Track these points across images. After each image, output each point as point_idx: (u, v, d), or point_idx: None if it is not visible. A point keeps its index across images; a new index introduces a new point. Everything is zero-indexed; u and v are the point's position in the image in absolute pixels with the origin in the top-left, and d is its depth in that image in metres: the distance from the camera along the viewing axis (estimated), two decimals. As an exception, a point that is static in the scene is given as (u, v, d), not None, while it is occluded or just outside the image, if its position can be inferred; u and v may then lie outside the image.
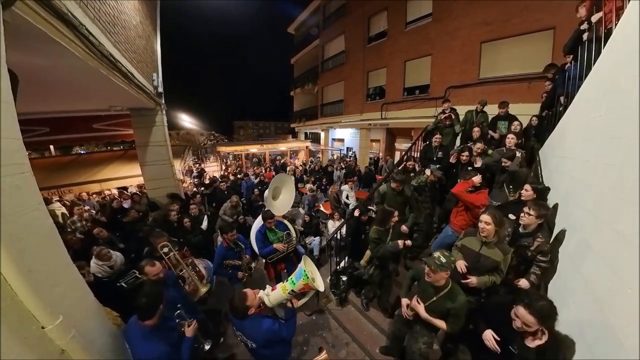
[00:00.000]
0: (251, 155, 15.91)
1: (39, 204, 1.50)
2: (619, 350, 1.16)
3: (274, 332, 1.84)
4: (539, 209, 2.13)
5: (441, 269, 1.84)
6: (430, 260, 1.88)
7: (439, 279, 1.91)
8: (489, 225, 2.08)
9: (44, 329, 1.36)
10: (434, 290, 1.98)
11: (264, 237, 3.36)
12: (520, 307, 1.51)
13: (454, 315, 1.91)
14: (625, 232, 1.30)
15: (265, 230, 3.39)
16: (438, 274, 1.87)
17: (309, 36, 16.62)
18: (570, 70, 3.30)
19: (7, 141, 1.32)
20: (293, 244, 3.54)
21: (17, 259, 1.26)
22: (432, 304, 1.98)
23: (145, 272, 2.27)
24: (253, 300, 1.85)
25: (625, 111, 1.51)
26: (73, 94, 4.00)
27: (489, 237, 2.12)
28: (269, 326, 1.83)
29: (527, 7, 6.14)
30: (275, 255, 3.33)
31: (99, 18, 2.72)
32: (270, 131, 52.73)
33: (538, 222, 2.13)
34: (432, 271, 1.87)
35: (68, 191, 6.66)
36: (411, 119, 9.38)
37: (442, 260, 1.84)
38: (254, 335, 1.84)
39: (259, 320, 1.85)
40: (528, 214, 2.16)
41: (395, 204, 3.19)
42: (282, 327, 1.90)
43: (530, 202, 2.26)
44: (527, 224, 2.19)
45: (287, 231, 3.54)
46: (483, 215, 2.16)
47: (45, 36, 1.83)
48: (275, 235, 3.43)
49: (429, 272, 1.91)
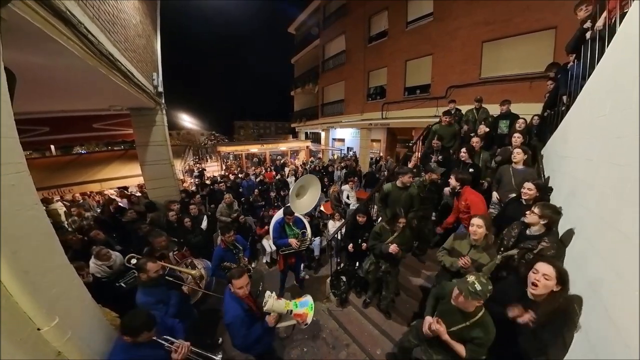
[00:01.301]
0: (251, 155, 15.92)
1: (35, 204, 1.48)
2: (623, 350, 1.14)
3: (234, 328, 1.93)
4: (542, 208, 2.10)
5: (474, 297, 1.59)
6: (462, 285, 1.63)
7: (469, 306, 1.67)
8: (481, 228, 2.15)
9: (39, 331, 1.35)
10: (462, 316, 1.72)
11: (282, 229, 3.61)
12: (541, 262, 1.60)
13: (479, 345, 1.67)
14: (628, 233, 1.28)
15: (283, 224, 3.62)
16: (469, 302, 1.64)
17: (310, 36, 16.59)
18: (572, 69, 3.27)
19: (3, 140, 1.31)
20: (306, 244, 3.72)
21: (12, 259, 1.25)
22: (459, 330, 1.73)
23: (147, 269, 2.24)
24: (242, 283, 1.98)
25: (629, 110, 1.49)
26: (72, 93, 3.99)
27: (479, 240, 2.18)
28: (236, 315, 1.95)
29: (529, 6, 6.11)
30: (287, 249, 3.54)
31: (98, 17, 2.70)
32: (270, 131, 52.81)
33: (542, 223, 2.10)
34: (464, 297, 1.62)
35: (68, 191, 6.64)
36: (412, 119, 9.35)
37: (476, 288, 1.58)
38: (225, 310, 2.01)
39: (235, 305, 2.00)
40: (532, 212, 2.14)
41: (400, 203, 3.13)
42: (242, 330, 1.95)
43: (539, 203, 2.20)
44: (531, 223, 2.16)
45: (304, 230, 3.72)
46: (475, 219, 2.22)
47: (44, 34, 1.81)
48: (292, 231, 3.64)
49: (458, 297, 1.67)
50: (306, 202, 4.26)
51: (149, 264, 2.26)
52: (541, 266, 1.60)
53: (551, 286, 1.54)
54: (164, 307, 2.31)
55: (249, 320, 2.01)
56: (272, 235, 3.73)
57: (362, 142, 12.38)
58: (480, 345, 1.66)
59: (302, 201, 4.22)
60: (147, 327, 1.71)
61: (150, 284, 2.30)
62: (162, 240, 3.09)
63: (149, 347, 1.73)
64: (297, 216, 3.81)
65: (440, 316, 1.86)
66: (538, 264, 1.63)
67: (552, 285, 1.54)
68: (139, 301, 2.24)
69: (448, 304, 1.82)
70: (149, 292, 2.29)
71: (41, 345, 1.36)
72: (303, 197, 4.26)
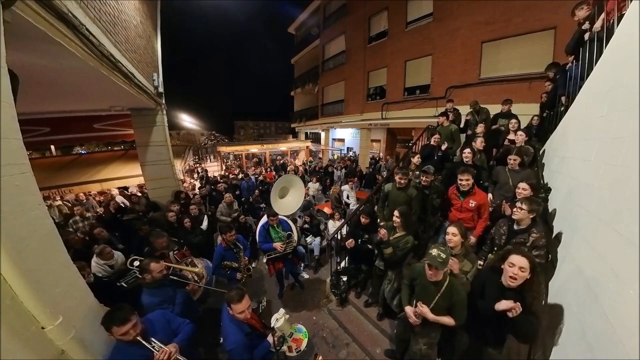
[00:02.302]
0: (252, 155, 15.92)
1: (38, 204, 1.50)
2: (620, 350, 1.16)
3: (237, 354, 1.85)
4: (530, 203, 2.17)
5: (443, 266, 1.83)
6: (432, 259, 1.84)
7: (440, 275, 1.91)
8: (456, 236, 2.19)
9: (43, 330, 1.36)
10: (435, 287, 1.95)
11: (267, 233, 3.47)
12: (514, 254, 1.69)
13: (459, 306, 1.91)
14: (626, 233, 1.30)
15: (268, 227, 3.47)
16: (440, 272, 1.88)
17: (310, 36, 16.60)
18: (571, 70, 3.29)
19: (7, 141, 1.32)
20: (292, 245, 3.57)
21: (16, 259, 1.27)
22: (437, 304, 1.95)
23: (150, 270, 2.25)
24: (243, 307, 1.86)
25: (627, 111, 1.51)
26: (73, 94, 4.00)
27: (455, 248, 2.22)
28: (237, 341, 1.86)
29: (529, 6, 6.12)
30: (273, 253, 3.41)
31: (99, 18, 2.72)
32: (270, 131, 52.75)
33: (530, 217, 2.18)
34: (435, 269, 1.85)
35: (69, 191, 6.66)
36: (412, 119, 9.37)
37: (442, 257, 1.83)
38: (224, 335, 1.94)
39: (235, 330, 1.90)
40: (520, 209, 2.19)
41: (399, 203, 3.12)
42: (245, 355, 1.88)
43: (522, 198, 2.30)
44: (520, 219, 2.22)
45: (289, 232, 3.57)
46: (449, 227, 2.26)
47: (46, 36, 1.83)
48: (277, 234, 3.49)
49: (431, 270, 1.88)
50: (289, 203, 4.17)
51: (152, 265, 2.26)
52: (516, 259, 1.68)
53: (526, 276, 1.66)
54: (169, 306, 2.32)
55: (251, 342, 1.94)
56: (258, 239, 3.55)
57: (362, 142, 12.40)
58: (460, 306, 1.90)
59: (284, 202, 4.15)
60: (112, 322, 1.62)
61: (155, 285, 2.29)
62: (162, 241, 3.10)
63: (138, 347, 1.69)
64: (281, 217, 3.66)
65: (419, 299, 2.04)
66: (512, 256, 1.70)
67: (526, 276, 1.66)
68: (144, 302, 2.24)
69: (422, 283, 2.04)
70: (154, 293, 2.29)
71: (45, 343, 1.38)
72: (285, 198, 4.19)
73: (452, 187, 3.10)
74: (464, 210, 2.93)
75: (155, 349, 1.72)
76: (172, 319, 2.05)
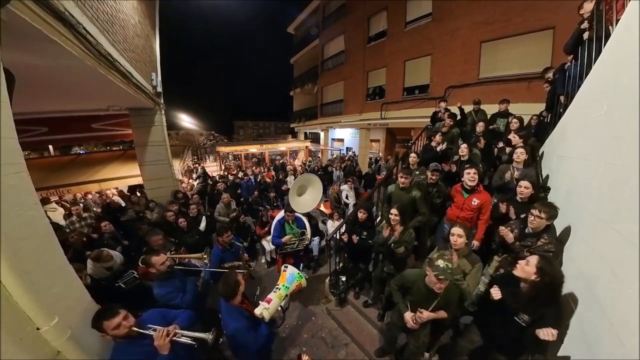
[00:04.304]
0: (251, 155, 15.90)
1: (34, 204, 1.48)
2: (620, 350, 1.15)
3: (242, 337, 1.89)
4: (549, 209, 1.99)
5: (452, 277, 1.83)
6: (442, 272, 1.79)
7: (444, 286, 1.88)
8: (461, 237, 2.20)
9: (39, 330, 1.35)
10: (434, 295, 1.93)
11: (282, 228, 3.63)
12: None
13: (454, 305, 1.99)
14: (626, 232, 1.29)
15: (284, 222, 3.63)
16: (445, 283, 1.85)
17: (309, 36, 16.59)
18: (570, 70, 3.29)
19: (3, 141, 1.31)
20: (303, 243, 3.74)
21: (12, 259, 1.26)
22: (435, 307, 1.96)
23: (152, 263, 2.24)
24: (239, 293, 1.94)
25: (626, 111, 1.50)
26: (71, 93, 3.98)
27: (459, 250, 2.23)
28: (239, 327, 1.91)
29: (529, 6, 6.13)
30: (285, 248, 3.56)
31: (96, 17, 2.70)
32: (270, 131, 52.73)
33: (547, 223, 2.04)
34: (444, 281, 1.82)
35: (67, 191, 6.63)
36: (411, 119, 9.37)
37: (451, 268, 1.83)
38: (225, 324, 1.96)
39: (236, 316, 1.95)
40: (539, 217, 2.00)
41: (401, 204, 3.06)
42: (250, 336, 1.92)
43: (538, 204, 2.11)
44: (536, 227, 2.07)
45: (303, 230, 3.74)
46: (454, 228, 2.26)
47: (42, 35, 1.81)
48: (291, 230, 3.66)
49: (439, 282, 1.83)
50: (307, 201, 4.27)
51: (154, 258, 2.28)
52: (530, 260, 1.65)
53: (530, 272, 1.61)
54: (178, 295, 2.35)
55: (253, 323, 1.99)
56: (272, 233, 3.75)
57: (361, 142, 12.40)
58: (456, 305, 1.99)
59: (302, 200, 4.24)
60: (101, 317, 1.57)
61: (164, 277, 2.34)
62: (158, 239, 3.11)
63: (135, 344, 1.65)
64: (297, 215, 3.82)
65: (417, 305, 2.04)
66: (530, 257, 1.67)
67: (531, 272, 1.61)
68: (154, 292, 2.29)
69: (419, 290, 2.04)
70: (164, 284, 2.34)
71: (41, 344, 1.37)
72: (303, 197, 4.28)
73: (457, 185, 3.08)
74: (465, 209, 2.89)
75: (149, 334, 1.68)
76: (166, 314, 2.02)
